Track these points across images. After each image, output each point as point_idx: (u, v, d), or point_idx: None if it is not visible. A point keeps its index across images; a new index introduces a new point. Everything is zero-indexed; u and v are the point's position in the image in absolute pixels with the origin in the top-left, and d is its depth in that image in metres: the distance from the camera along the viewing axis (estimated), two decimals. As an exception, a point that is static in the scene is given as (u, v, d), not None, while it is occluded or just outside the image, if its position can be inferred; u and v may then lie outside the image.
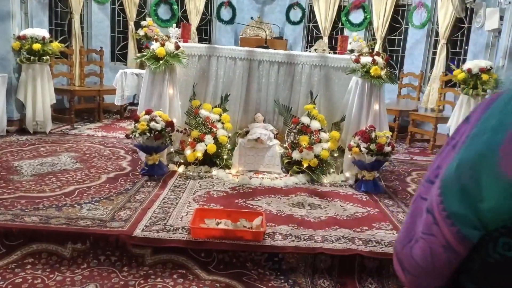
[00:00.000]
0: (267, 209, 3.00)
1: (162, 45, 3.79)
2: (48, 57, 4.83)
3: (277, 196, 3.32)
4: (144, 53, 3.88)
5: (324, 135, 3.91)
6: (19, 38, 4.73)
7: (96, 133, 5.22)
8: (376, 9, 6.93)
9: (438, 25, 6.43)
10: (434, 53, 6.60)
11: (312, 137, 3.87)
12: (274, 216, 2.87)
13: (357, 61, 3.81)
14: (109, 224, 2.53)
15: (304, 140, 3.83)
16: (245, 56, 4.06)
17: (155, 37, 3.97)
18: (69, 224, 2.49)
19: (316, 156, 3.79)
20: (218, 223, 2.59)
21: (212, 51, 4.08)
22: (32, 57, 4.71)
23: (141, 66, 6.94)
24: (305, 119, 3.94)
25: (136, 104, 6.77)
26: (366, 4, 7.16)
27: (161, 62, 3.74)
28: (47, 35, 4.86)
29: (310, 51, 6.86)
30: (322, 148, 3.80)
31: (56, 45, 4.92)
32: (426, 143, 5.89)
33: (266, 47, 4.26)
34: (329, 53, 5.92)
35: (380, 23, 6.91)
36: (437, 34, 6.58)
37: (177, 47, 3.82)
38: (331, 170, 3.91)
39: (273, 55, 4.08)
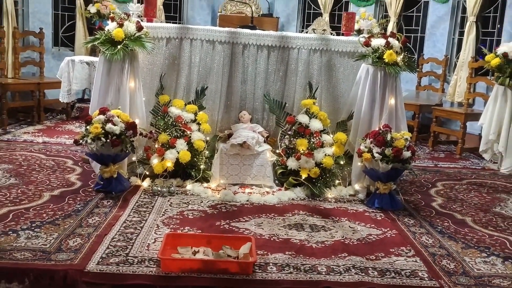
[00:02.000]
0: (257, 232, 3.00)
1: (120, 25, 3.77)
2: (-28, 41, 4.76)
3: (270, 216, 3.32)
4: (96, 36, 3.85)
5: (327, 138, 3.93)
6: None
7: (36, 138, 5.18)
8: (388, -21, 7.02)
9: (465, -1, 6.54)
10: (461, 33, 6.71)
11: (312, 140, 3.89)
12: (266, 242, 2.86)
13: (367, 44, 3.84)
14: (55, 257, 2.49)
15: (302, 144, 3.84)
16: (226, 38, 4.07)
17: (111, 15, 3.94)
18: (1, 257, 2.44)
19: (318, 165, 3.80)
20: (195, 252, 2.58)
21: (184, 32, 4.07)
22: (-49, 42, 4.64)
23: (93, 52, 6.91)
24: (303, 118, 3.96)
25: (87, 101, 6.73)
26: (376, -28, 7.25)
27: (119, 47, 3.72)
28: (-30, 13, 4.79)
29: (307, 32, 6.92)
30: (325, 154, 3.82)
31: (-18, 26, 4.85)
32: (453, 145, 5.96)
33: (253, 27, 4.28)
34: (331, 34, 6.00)
35: (394, -3, 6.99)
36: (464, 10, 6.69)
37: (140, 28, 3.81)
38: (337, 181, 3.92)
39: (262, 37, 4.09)
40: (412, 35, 7.37)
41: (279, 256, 2.68)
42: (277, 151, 3.99)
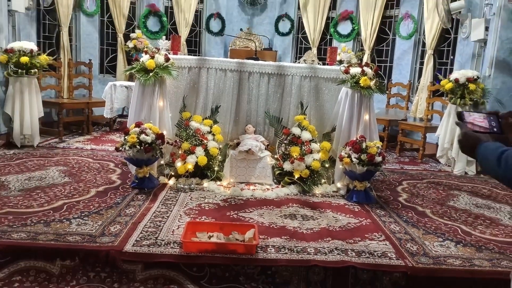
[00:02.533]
0: (259, 221, 2.98)
1: (152, 57, 3.78)
2: (36, 70, 4.78)
3: (269, 207, 3.30)
4: (134, 66, 3.86)
5: (315, 146, 3.91)
6: (6, 51, 4.69)
7: (85, 146, 5.17)
8: (364, 20, 7.02)
9: (425, 35, 6.54)
10: (422, 63, 6.70)
11: (303, 147, 3.88)
12: (267, 228, 2.85)
13: (346, 71, 3.84)
14: (99, 240, 2.48)
15: (295, 151, 3.83)
16: (235, 67, 4.07)
17: (145, 49, 3.96)
18: (57, 240, 2.44)
19: (308, 167, 3.79)
20: (210, 237, 2.56)
21: (202, 62, 4.08)
22: (19, 70, 4.66)
23: (130, 78, 6.93)
24: (296, 130, 3.95)
25: (125, 117, 6.73)
26: (354, 15, 7.26)
27: (151, 74, 3.73)
28: (35, 48, 4.82)
29: (299, 62, 6.92)
30: (313, 159, 3.80)
31: (44, 58, 4.88)
32: (416, 152, 5.93)
33: (256, 59, 4.28)
34: (318, 63, 5.99)
35: (368, 34, 6.99)
36: (424, 44, 6.68)
37: (167, 59, 3.82)
38: (323, 180, 3.90)
39: (263, 66, 4.10)
40: (383, 64, 7.36)
41: (276, 240, 2.66)
42: (275, 156, 3.98)
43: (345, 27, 7.37)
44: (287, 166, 3.82)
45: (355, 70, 3.81)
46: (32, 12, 5.73)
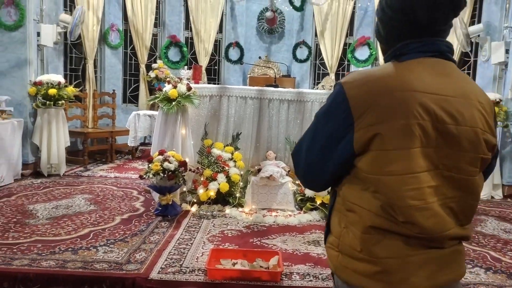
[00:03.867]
0: (282, 247, 2.98)
1: (175, 87, 3.90)
2: (63, 101, 4.97)
3: (292, 234, 3.29)
4: (157, 95, 3.98)
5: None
6: (35, 84, 4.90)
7: (109, 174, 5.28)
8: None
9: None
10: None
11: (325, 173, 3.87)
12: (290, 255, 2.84)
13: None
14: (125, 267, 2.52)
15: (316, 176, 3.83)
16: (256, 95, 4.15)
17: (167, 79, 4.08)
18: (85, 267, 2.49)
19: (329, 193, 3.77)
20: (234, 264, 2.57)
21: (223, 91, 4.18)
22: (47, 102, 4.86)
23: (152, 107, 7.10)
24: (316, 156, 3.95)
25: (147, 145, 6.88)
26: (371, 41, 7.34)
27: (173, 103, 3.83)
28: (62, 80, 5.03)
29: (317, 88, 6.98)
30: (335, 184, 3.79)
31: (71, 90, 5.08)
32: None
33: (276, 86, 4.35)
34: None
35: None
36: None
37: (189, 89, 3.93)
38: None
39: (283, 93, 4.17)
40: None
41: (301, 267, 2.65)
42: (297, 182, 3.99)
43: (362, 53, 7.44)
44: (308, 192, 3.82)
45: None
46: (59, 46, 6.00)
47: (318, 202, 3.76)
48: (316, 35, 7.75)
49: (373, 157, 0.98)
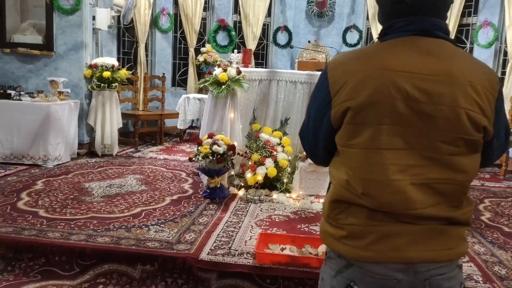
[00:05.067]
0: (331, 235, 2.92)
1: (225, 70, 3.89)
2: (116, 84, 5.12)
3: (341, 222, 3.22)
4: (207, 79, 4.00)
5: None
6: (90, 66, 5.07)
7: (158, 155, 5.41)
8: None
9: (506, 44, 6.12)
10: (503, 73, 6.26)
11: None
12: (340, 243, 2.78)
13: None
14: (176, 247, 2.57)
15: (367, 164, 3.72)
16: (305, 79, 4.07)
17: (217, 62, 4.09)
18: (138, 245, 2.56)
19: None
20: (282, 249, 2.55)
21: (272, 75, 4.13)
22: (102, 84, 5.02)
23: (200, 91, 7.19)
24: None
25: (195, 128, 6.98)
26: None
27: (223, 87, 3.83)
28: (116, 63, 5.17)
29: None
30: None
31: (124, 73, 5.22)
32: (498, 168, 5.52)
33: (327, 70, 4.24)
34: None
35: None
36: (505, 53, 6.25)
37: (239, 72, 3.91)
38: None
39: (334, 78, 4.05)
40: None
41: (351, 256, 2.59)
42: (346, 169, 3.89)
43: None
44: (358, 179, 3.71)
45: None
46: (113, 30, 6.17)
47: (368, 190, 3.65)
48: (367, 18, 7.47)
49: (343, 130, 1.07)
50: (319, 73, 1.17)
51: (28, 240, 2.57)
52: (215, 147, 3.54)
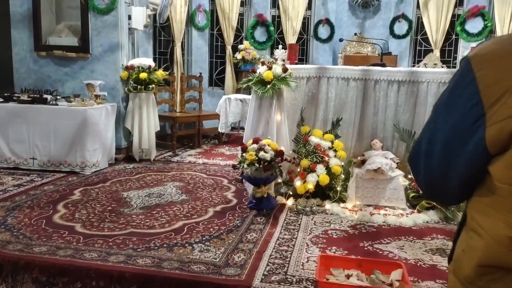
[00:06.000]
0: (401, 256, 2.54)
1: (269, 68, 3.56)
2: (153, 85, 4.90)
3: (409, 238, 2.83)
4: (250, 78, 3.68)
5: (457, 165, 3.32)
6: (127, 68, 4.87)
7: (197, 160, 5.16)
8: (500, 15, 6.12)
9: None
10: None
11: (444, 166, 3.31)
12: (413, 267, 2.39)
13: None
14: (224, 271, 2.27)
15: (433, 170, 3.29)
16: (360, 75, 3.68)
17: (261, 60, 3.76)
18: (182, 268, 2.28)
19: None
20: (348, 276, 2.20)
21: (322, 71, 3.76)
22: (139, 86, 4.81)
23: (238, 90, 6.90)
24: (433, 146, 3.40)
25: (233, 129, 6.70)
26: (486, 10, 6.36)
27: (268, 86, 3.50)
28: (152, 64, 4.95)
29: (419, 66, 6.24)
30: (457, 180, 3.22)
31: (160, 74, 4.99)
32: None
33: (383, 65, 3.83)
34: (442, 67, 5.31)
35: (506, 31, 6.06)
36: None
37: (285, 70, 3.57)
38: (469, 206, 3.28)
39: (392, 73, 3.64)
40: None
41: (431, 285, 2.20)
42: (409, 176, 3.47)
43: (474, 25, 6.50)
44: (423, 188, 3.29)
45: None
46: (149, 29, 5.97)
47: (436, 200, 3.22)
48: (418, 6, 6.93)
49: (508, 158, 0.71)
50: (376, 68, 0.78)
51: (63, 263, 2.34)
52: (261, 154, 3.22)
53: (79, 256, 2.41)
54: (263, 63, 3.69)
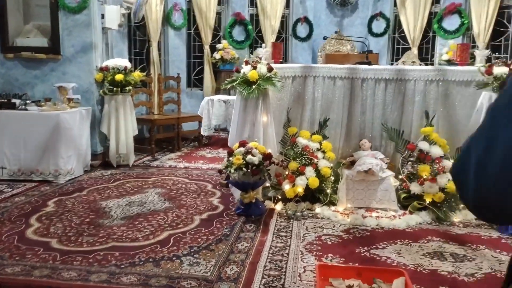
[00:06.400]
0: (399, 261, 2.44)
1: (254, 67, 3.42)
2: (130, 87, 4.67)
3: (404, 242, 2.73)
4: (234, 78, 3.53)
5: (448, 163, 3.27)
6: (101, 69, 4.63)
7: (178, 164, 4.96)
8: (476, 13, 6.16)
9: None
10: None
11: (434, 166, 3.25)
12: (414, 273, 2.29)
13: (489, 72, 3.17)
14: (217, 286, 2.11)
15: (424, 170, 3.22)
16: (346, 74, 3.57)
17: (245, 59, 3.60)
18: (171, 286, 2.10)
19: (442, 189, 3.16)
20: (349, 286, 2.07)
21: (308, 71, 3.64)
22: (114, 88, 4.57)
23: (217, 91, 6.73)
24: (423, 145, 3.34)
25: (215, 131, 6.51)
26: (463, 8, 6.40)
27: (253, 87, 3.35)
28: (128, 64, 4.71)
29: (397, 64, 6.23)
30: (449, 180, 3.16)
31: (137, 75, 4.76)
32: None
33: (369, 63, 3.74)
34: (420, 65, 5.30)
35: (482, 28, 6.11)
36: None
37: (270, 69, 3.43)
38: (461, 206, 3.23)
39: (379, 71, 3.55)
40: (499, 62, 6.40)
41: (435, 292, 2.10)
42: (400, 176, 3.40)
43: (451, 22, 6.52)
44: (415, 188, 3.22)
45: (500, 69, 3.13)
46: (124, 29, 5.72)
47: (428, 200, 3.16)
48: (395, 4, 6.92)
49: None
50: (363, 66, 0.64)
51: (40, 284, 2.12)
52: (249, 157, 3.07)
53: (56, 276, 2.20)
54: (247, 63, 3.54)
